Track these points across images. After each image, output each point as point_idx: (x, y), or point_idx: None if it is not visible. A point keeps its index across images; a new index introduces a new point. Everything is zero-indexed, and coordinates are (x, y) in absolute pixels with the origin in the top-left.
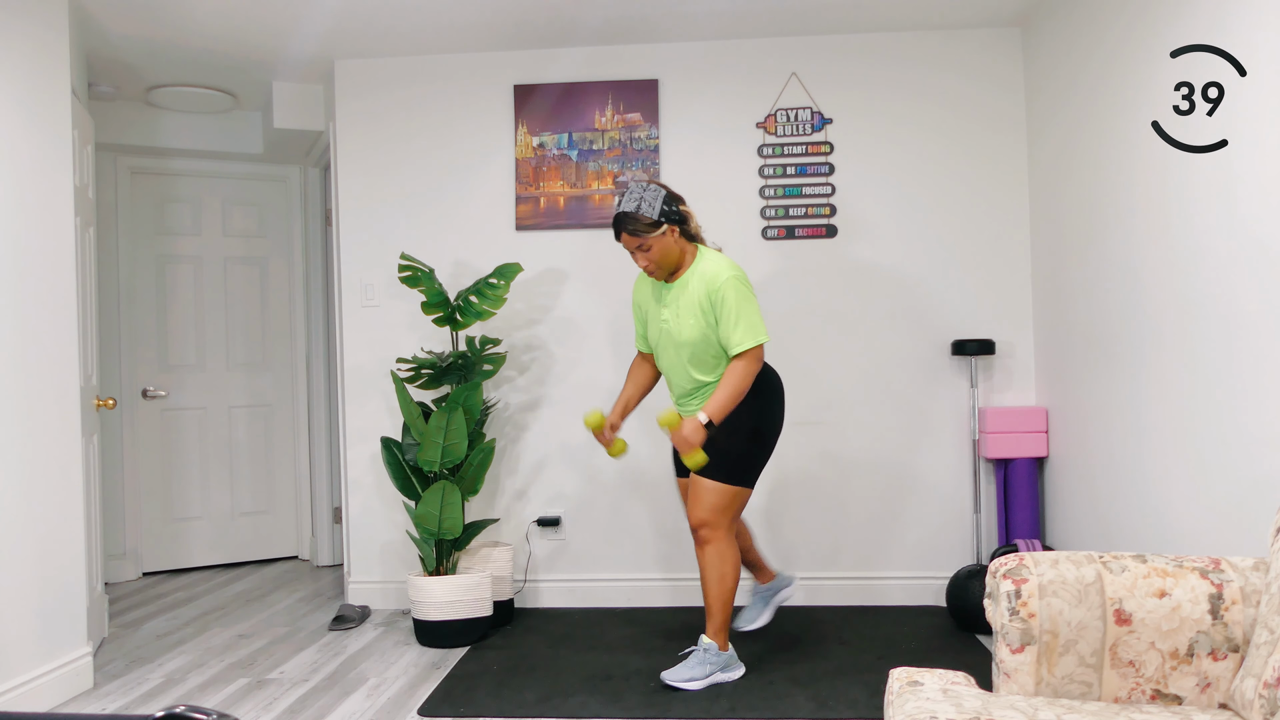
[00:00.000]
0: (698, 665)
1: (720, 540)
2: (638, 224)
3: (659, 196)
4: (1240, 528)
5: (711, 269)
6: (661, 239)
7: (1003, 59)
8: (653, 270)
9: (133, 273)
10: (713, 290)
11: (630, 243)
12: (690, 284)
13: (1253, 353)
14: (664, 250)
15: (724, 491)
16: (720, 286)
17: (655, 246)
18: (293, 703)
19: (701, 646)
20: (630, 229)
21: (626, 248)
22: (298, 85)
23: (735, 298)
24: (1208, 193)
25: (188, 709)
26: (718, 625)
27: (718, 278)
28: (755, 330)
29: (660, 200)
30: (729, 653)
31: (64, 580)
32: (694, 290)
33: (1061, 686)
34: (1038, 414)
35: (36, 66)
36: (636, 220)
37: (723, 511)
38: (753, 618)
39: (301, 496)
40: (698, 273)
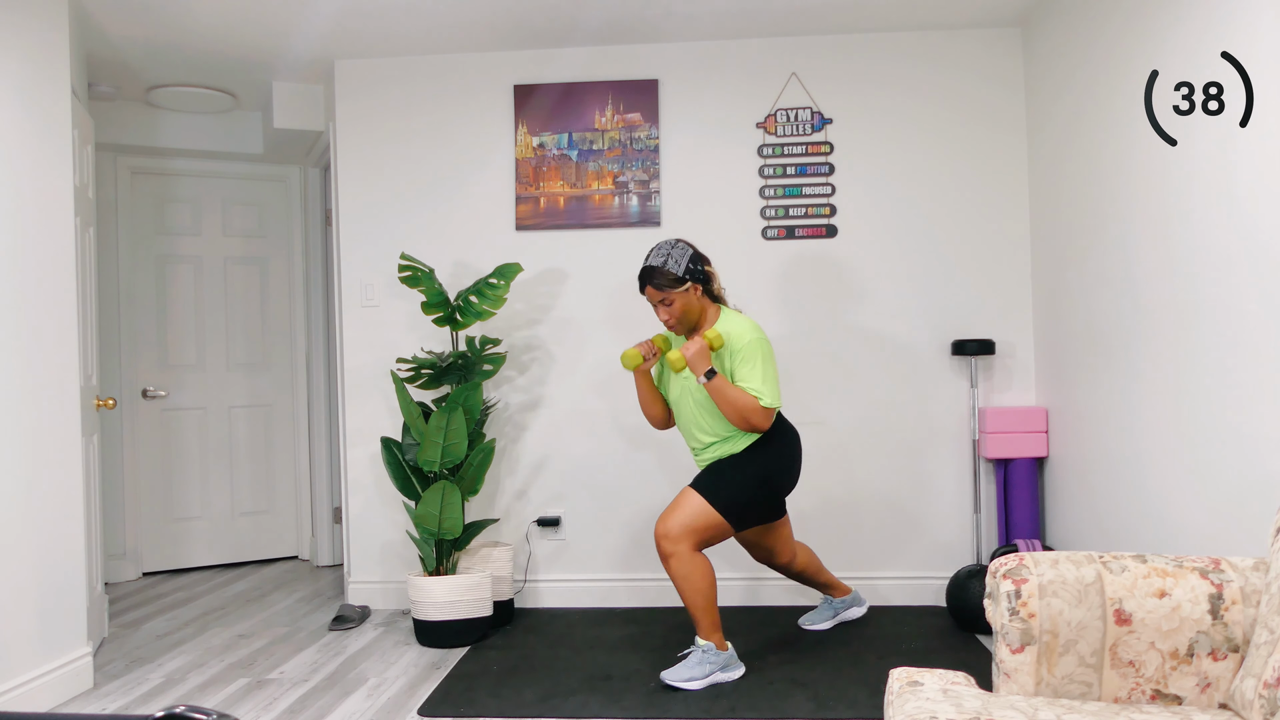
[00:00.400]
0: (697, 665)
1: (682, 554)
2: (663, 279)
3: (685, 255)
4: (1240, 528)
5: (736, 329)
6: (684, 295)
7: (1003, 59)
8: (673, 325)
9: (133, 273)
10: (735, 349)
11: (654, 296)
12: None
13: (1252, 353)
14: (686, 306)
15: (707, 514)
16: (742, 347)
17: (678, 302)
18: (293, 703)
19: (699, 647)
20: (655, 283)
21: (650, 301)
22: (298, 85)
23: (755, 357)
24: (1208, 193)
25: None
26: (707, 628)
27: (741, 337)
28: (772, 390)
29: (686, 259)
30: (728, 652)
31: (64, 580)
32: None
33: (1061, 686)
34: (1038, 414)
35: (36, 66)
36: (662, 275)
37: (694, 532)
38: (815, 620)
39: (301, 496)
40: (721, 331)
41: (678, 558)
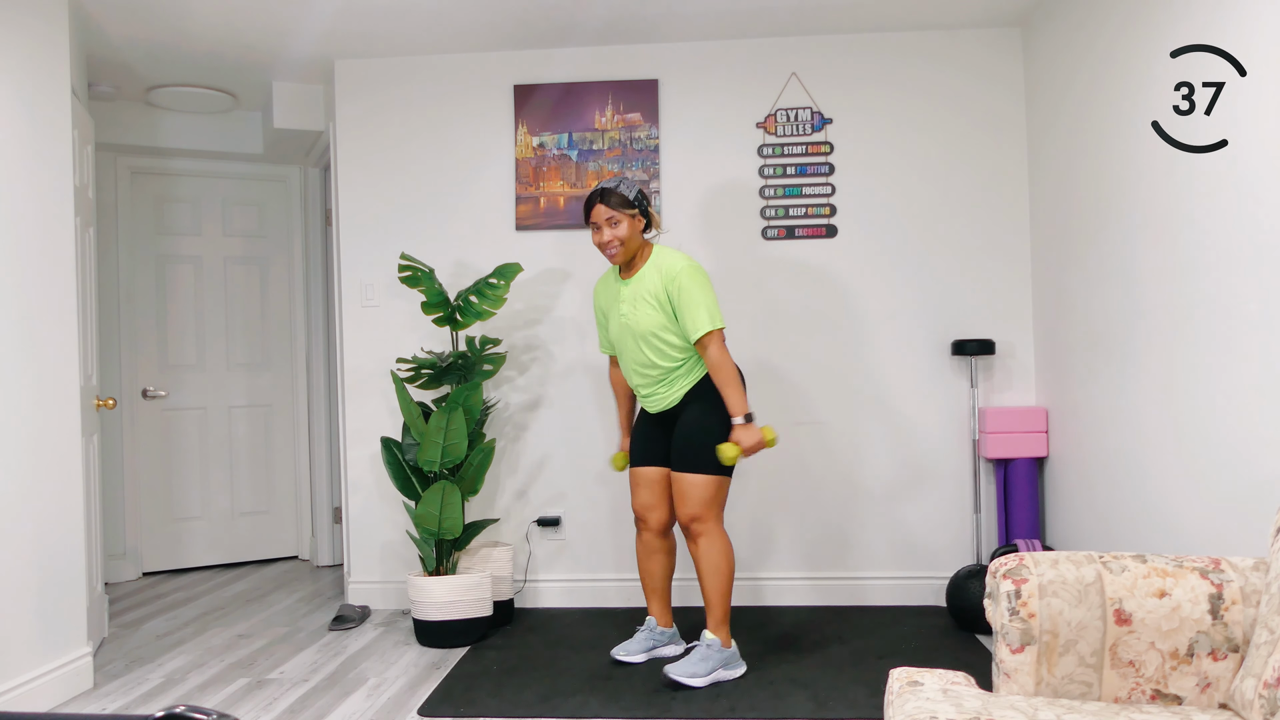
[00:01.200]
0: (701, 661)
1: (712, 532)
2: (614, 198)
3: (635, 186)
4: (1240, 528)
5: (667, 261)
6: (632, 220)
7: (1003, 59)
8: (614, 248)
9: (133, 273)
10: (669, 280)
11: (602, 214)
12: (647, 276)
13: (1252, 353)
14: (630, 231)
15: (710, 482)
16: (677, 275)
17: (624, 224)
18: (293, 703)
19: (704, 642)
20: (607, 200)
21: (596, 220)
22: (298, 85)
23: (692, 285)
24: (1208, 192)
25: (188, 709)
26: (719, 619)
27: (673, 267)
28: (714, 315)
29: (635, 189)
30: (732, 649)
31: (64, 580)
32: (650, 282)
33: (1061, 686)
34: (1038, 414)
35: (36, 66)
36: (614, 194)
37: (711, 503)
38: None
39: (301, 496)
40: (654, 265)
41: (709, 535)
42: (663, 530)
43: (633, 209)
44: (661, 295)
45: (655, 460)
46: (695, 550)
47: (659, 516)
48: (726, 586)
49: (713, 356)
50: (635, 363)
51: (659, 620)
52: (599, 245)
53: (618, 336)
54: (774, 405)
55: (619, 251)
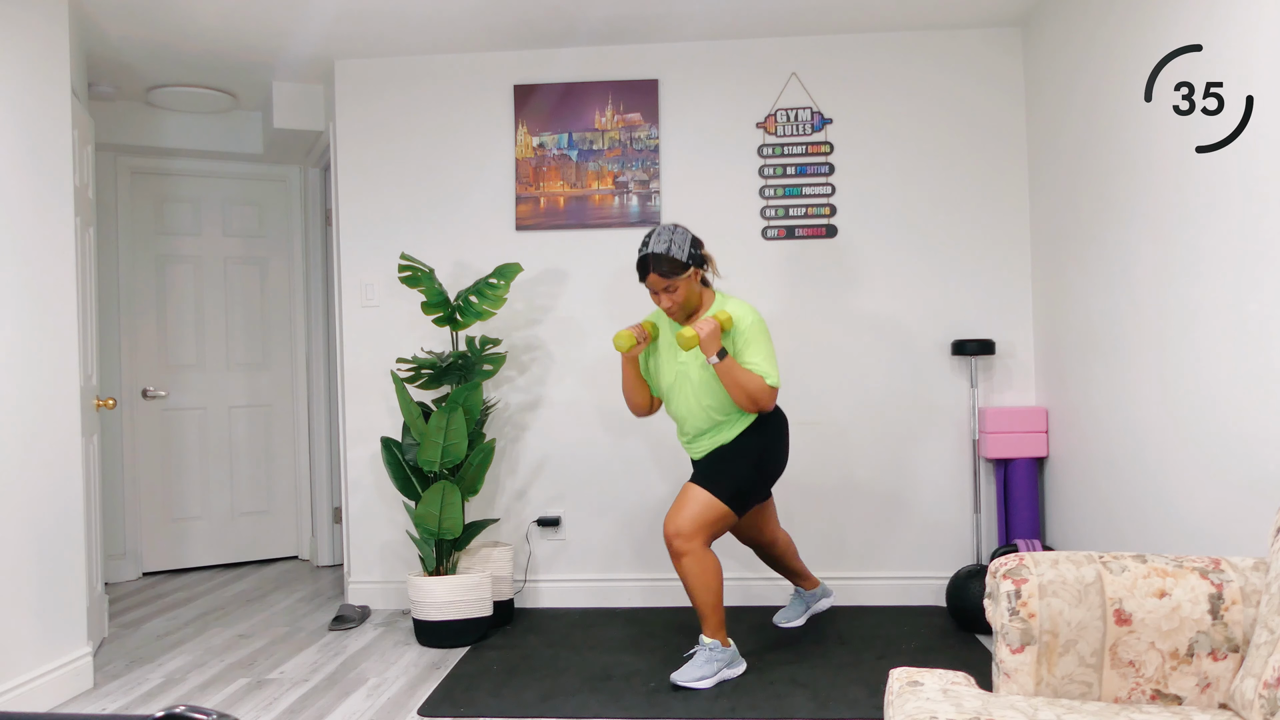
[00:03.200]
0: (705, 664)
1: (697, 552)
2: (668, 265)
3: (686, 239)
4: (1240, 528)
5: (737, 311)
6: (687, 281)
7: (1003, 59)
8: (674, 312)
9: (133, 273)
10: (737, 334)
11: (658, 284)
12: None
13: (1252, 352)
14: (688, 292)
15: (714, 506)
16: (746, 328)
17: (681, 289)
18: (293, 703)
19: (705, 646)
20: (661, 270)
21: (652, 288)
22: (298, 85)
23: (758, 339)
24: (1208, 192)
25: (188, 709)
26: (714, 625)
27: (744, 319)
28: (775, 370)
29: (688, 244)
30: (732, 649)
31: (64, 580)
32: None
33: (1061, 686)
34: (1038, 414)
35: (36, 66)
36: (667, 262)
37: (704, 527)
38: (789, 617)
39: (301, 496)
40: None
41: (691, 555)
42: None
43: (687, 269)
44: (728, 346)
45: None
46: (680, 569)
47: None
48: (716, 598)
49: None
50: (689, 412)
51: (806, 585)
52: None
53: (670, 385)
54: None
55: (679, 312)
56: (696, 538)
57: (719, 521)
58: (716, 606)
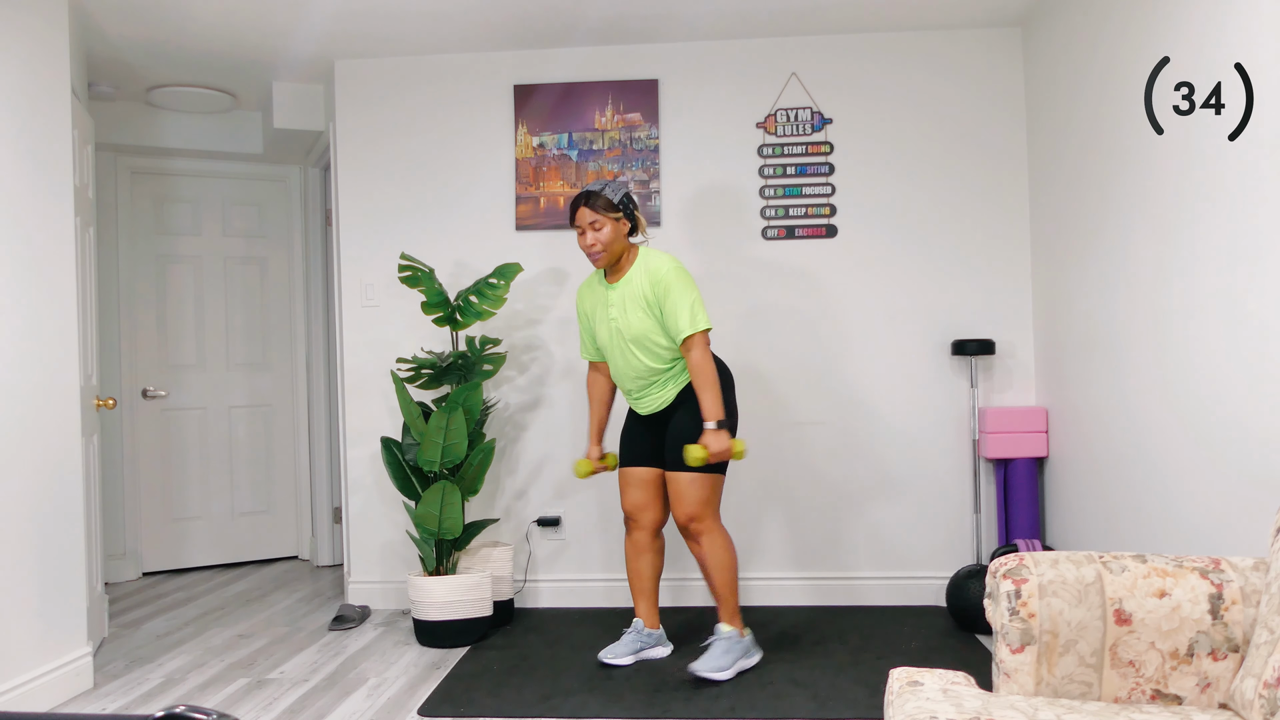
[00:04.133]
0: (723, 654)
1: (712, 530)
2: (599, 200)
3: (621, 190)
4: (1240, 528)
5: (654, 263)
6: (615, 224)
7: (1003, 59)
8: (598, 251)
9: (133, 273)
10: (656, 281)
11: (585, 216)
12: (634, 279)
13: (1252, 352)
14: (614, 235)
15: (705, 481)
16: (663, 277)
17: (608, 227)
18: (293, 703)
19: (722, 635)
20: (591, 204)
21: (579, 222)
22: (298, 85)
23: (678, 286)
24: (1208, 192)
25: (188, 709)
26: (731, 610)
27: (660, 269)
28: (699, 316)
29: (621, 193)
30: (749, 637)
31: (64, 580)
32: (638, 284)
33: (1061, 686)
34: (1038, 414)
35: (36, 66)
36: (599, 198)
37: (707, 502)
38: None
39: (301, 496)
40: (641, 267)
41: (709, 533)
42: (654, 530)
43: (617, 212)
44: (650, 295)
45: (645, 460)
46: (698, 550)
47: (651, 516)
48: (733, 579)
49: (694, 359)
50: (626, 366)
51: (646, 621)
52: (584, 249)
53: (606, 341)
54: (774, 405)
55: (602, 255)
56: (708, 515)
57: (715, 490)
58: (734, 588)
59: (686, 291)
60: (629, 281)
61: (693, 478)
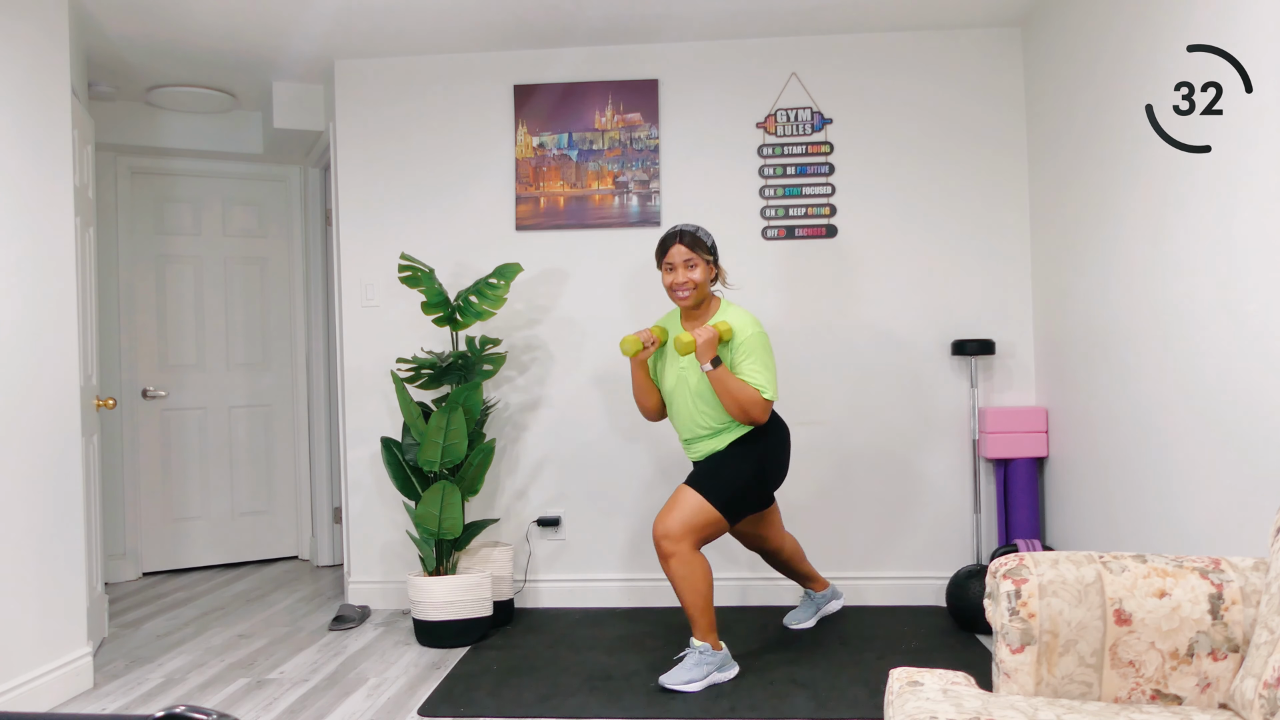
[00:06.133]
0: (695, 667)
1: (684, 554)
2: (696, 241)
3: (711, 236)
4: (1241, 528)
5: (739, 321)
6: (707, 266)
7: (1003, 59)
8: (688, 290)
9: (133, 273)
10: (739, 342)
11: (681, 255)
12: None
13: (1251, 352)
14: (705, 276)
15: (704, 510)
16: (748, 339)
17: (701, 269)
18: (293, 703)
19: (695, 649)
20: (689, 242)
21: (673, 260)
22: (298, 85)
23: (760, 351)
24: (1208, 192)
25: (188, 709)
26: (704, 628)
27: (744, 329)
28: (772, 384)
29: (712, 239)
30: (723, 652)
31: (64, 580)
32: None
33: (1061, 686)
34: (1038, 414)
35: (36, 66)
36: (696, 238)
37: (694, 530)
38: (800, 619)
39: (301, 496)
40: (721, 320)
41: (678, 558)
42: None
43: (710, 255)
44: (727, 356)
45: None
46: (668, 571)
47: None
48: (705, 601)
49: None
50: (687, 417)
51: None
52: (670, 286)
53: (671, 388)
54: (774, 405)
55: (691, 295)
56: (685, 540)
57: (709, 526)
58: (705, 609)
59: (765, 357)
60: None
61: (697, 500)
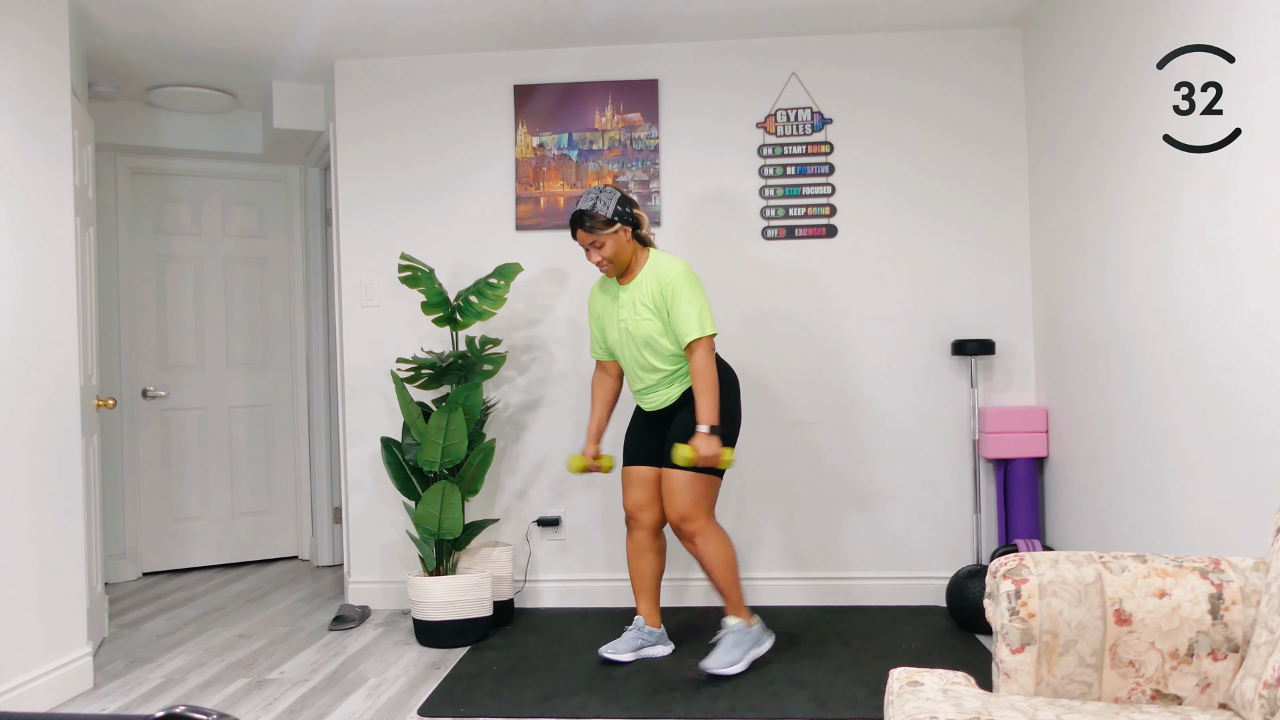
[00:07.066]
0: (733, 647)
1: (706, 528)
2: (593, 221)
3: (614, 198)
4: (1240, 528)
5: (663, 266)
6: (615, 236)
7: (1003, 59)
8: (606, 266)
9: (133, 273)
10: (664, 285)
11: (585, 239)
12: (644, 282)
13: (1251, 352)
14: (617, 247)
15: (699, 480)
16: (671, 280)
17: (609, 243)
18: (293, 703)
19: (730, 629)
20: (586, 225)
21: (581, 244)
22: (298, 85)
23: (686, 290)
24: (1208, 192)
25: (188, 709)
26: (734, 602)
27: (669, 273)
28: (705, 321)
29: (615, 201)
30: (757, 625)
31: (64, 580)
32: (647, 287)
33: (1061, 686)
34: (1038, 414)
35: (36, 66)
36: (592, 218)
37: (699, 500)
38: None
39: (301, 496)
40: (650, 270)
41: (702, 533)
42: (654, 530)
43: (614, 224)
44: (658, 298)
45: (648, 460)
46: (694, 550)
47: (651, 516)
48: (733, 574)
49: (697, 362)
50: (635, 364)
51: (648, 620)
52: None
53: (617, 341)
54: (774, 405)
55: (611, 267)
56: (700, 515)
57: (709, 490)
58: (735, 582)
59: (694, 296)
60: (639, 284)
61: (687, 476)
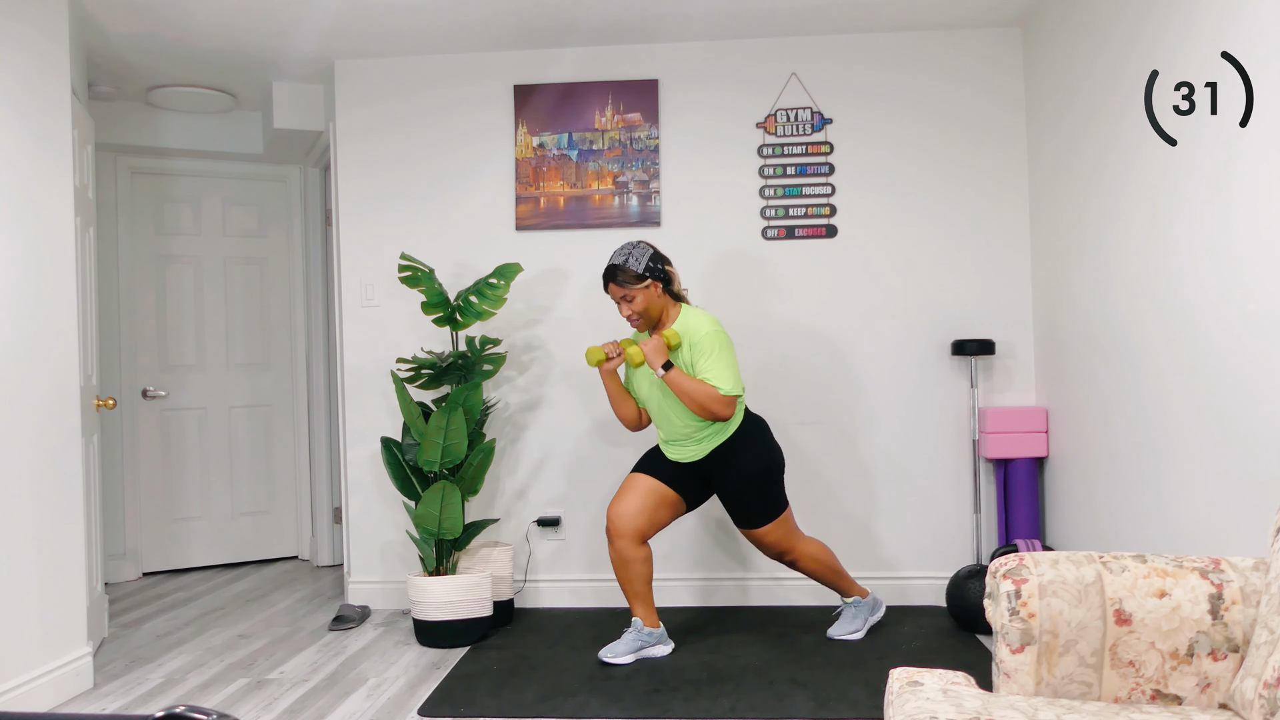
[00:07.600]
0: (853, 619)
1: (798, 547)
2: (624, 275)
3: (646, 254)
4: (1240, 528)
5: (694, 323)
6: (645, 291)
7: (1003, 59)
8: (635, 320)
9: (133, 273)
10: (694, 342)
11: (616, 292)
12: None
13: (1251, 352)
14: (647, 302)
15: (777, 524)
16: (702, 339)
17: (639, 298)
18: (293, 703)
19: (849, 604)
20: (617, 280)
21: (613, 297)
22: (298, 85)
23: (716, 349)
24: (1208, 192)
25: (188, 709)
26: (846, 586)
27: (699, 330)
28: (731, 379)
29: (646, 257)
30: (870, 597)
31: (64, 580)
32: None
33: (1061, 686)
34: (1038, 414)
35: (36, 66)
36: (624, 272)
37: (786, 535)
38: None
39: (301, 496)
40: (681, 327)
41: (799, 554)
42: (637, 539)
43: (645, 280)
44: (687, 356)
45: (663, 479)
46: (799, 567)
47: (636, 524)
48: (833, 568)
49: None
50: (664, 420)
51: (645, 621)
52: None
53: (647, 395)
54: (774, 405)
55: (640, 322)
56: (794, 543)
57: (787, 522)
58: (839, 572)
59: (723, 354)
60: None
61: (769, 528)
